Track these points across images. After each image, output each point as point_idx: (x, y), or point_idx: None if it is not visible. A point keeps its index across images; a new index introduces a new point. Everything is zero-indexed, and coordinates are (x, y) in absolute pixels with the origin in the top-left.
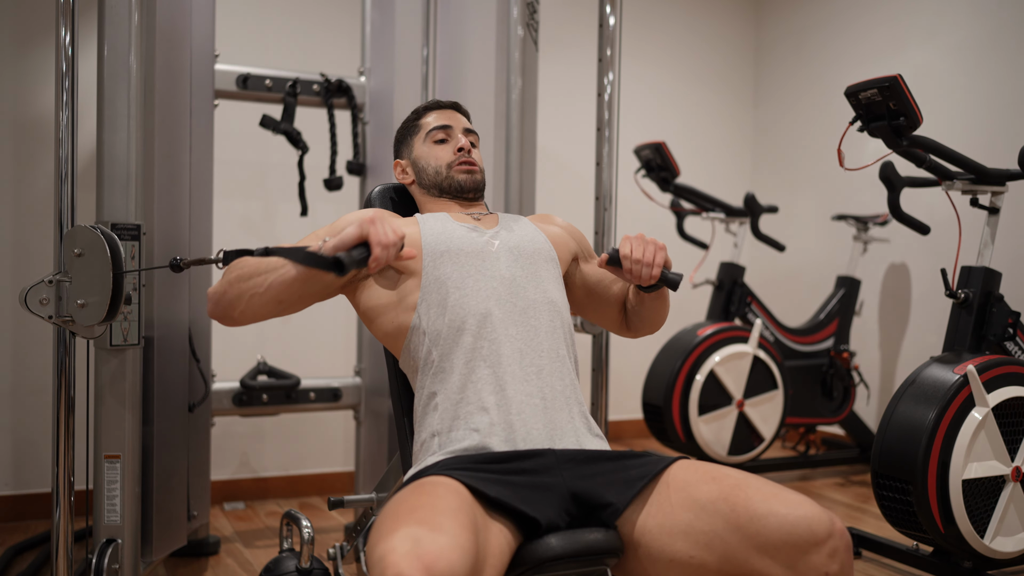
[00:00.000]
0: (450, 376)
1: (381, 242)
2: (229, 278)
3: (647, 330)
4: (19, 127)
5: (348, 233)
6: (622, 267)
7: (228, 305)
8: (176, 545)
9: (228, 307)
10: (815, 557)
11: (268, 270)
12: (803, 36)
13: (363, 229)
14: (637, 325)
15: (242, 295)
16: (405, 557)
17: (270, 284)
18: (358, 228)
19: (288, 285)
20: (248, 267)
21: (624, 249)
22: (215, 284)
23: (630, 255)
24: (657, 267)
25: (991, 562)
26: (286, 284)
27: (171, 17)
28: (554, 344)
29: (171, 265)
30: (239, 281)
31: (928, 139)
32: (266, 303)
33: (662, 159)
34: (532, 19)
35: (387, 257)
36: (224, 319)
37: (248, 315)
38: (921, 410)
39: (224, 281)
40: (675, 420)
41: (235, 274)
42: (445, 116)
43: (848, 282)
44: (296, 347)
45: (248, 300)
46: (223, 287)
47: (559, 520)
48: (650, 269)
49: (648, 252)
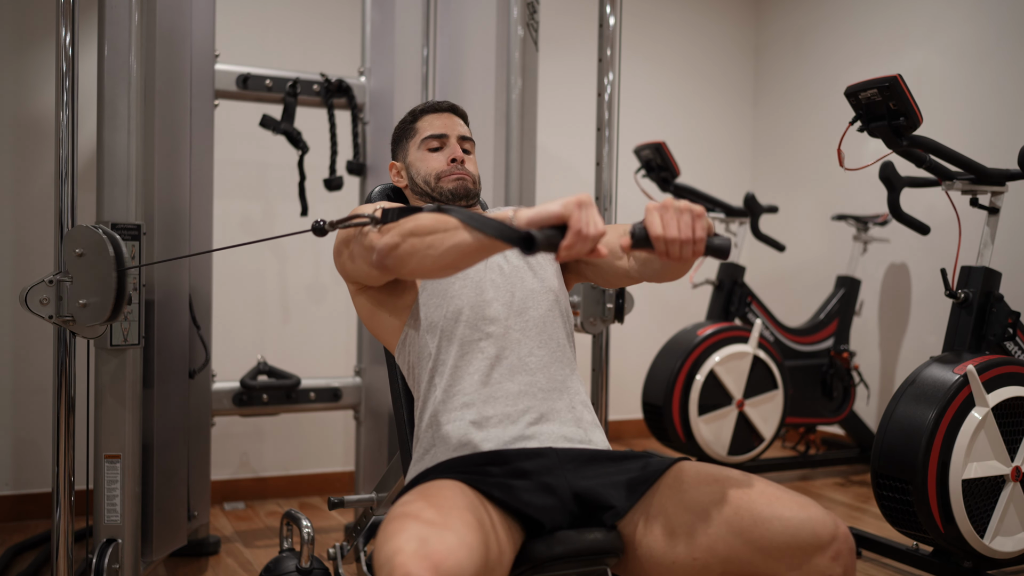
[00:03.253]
0: (447, 367)
1: (581, 232)
2: (401, 231)
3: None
4: (19, 127)
5: (548, 209)
6: (653, 248)
7: (399, 260)
8: (176, 545)
9: (400, 262)
10: (819, 560)
11: (445, 229)
12: (803, 36)
13: (566, 210)
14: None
15: (415, 252)
16: (413, 556)
17: (448, 247)
18: (561, 208)
19: (466, 252)
20: (423, 223)
21: (654, 227)
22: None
23: (664, 234)
24: (700, 242)
25: (991, 562)
26: (463, 251)
27: (171, 17)
28: (554, 333)
29: (313, 229)
30: (412, 236)
31: (928, 139)
32: (441, 265)
33: (662, 159)
34: (532, 19)
35: (581, 250)
36: (391, 271)
37: (420, 272)
38: (921, 410)
39: (396, 233)
40: (675, 420)
41: (408, 227)
42: (441, 121)
43: (848, 282)
44: (296, 347)
45: (421, 258)
46: (396, 239)
47: (562, 520)
48: (691, 246)
49: (686, 226)
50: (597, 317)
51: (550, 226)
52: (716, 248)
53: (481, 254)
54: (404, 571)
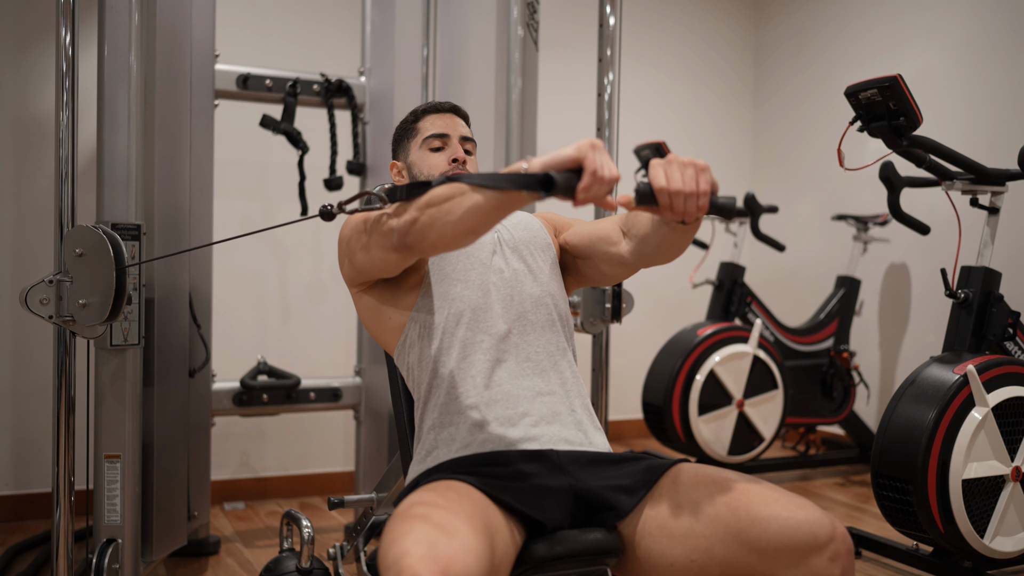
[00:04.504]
0: (448, 369)
1: (597, 173)
2: (418, 204)
3: (664, 259)
4: (19, 127)
5: (562, 153)
6: (658, 204)
7: (420, 234)
8: (176, 545)
9: (420, 235)
10: (817, 561)
11: (461, 194)
12: (803, 36)
13: (580, 152)
14: (651, 257)
15: (434, 222)
16: (421, 560)
17: (465, 210)
18: (576, 151)
19: (486, 212)
20: (438, 192)
21: (658, 180)
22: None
23: (668, 186)
24: (704, 195)
25: (991, 562)
26: (483, 210)
27: (171, 17)
28: (554, 336)
29: (321, 213)
30: (427, 207)
31: (928, 139)
32: (460, 231)
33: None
34: (532, 19)
35: (598, 193)
36: (414, 249)
37: (441, 243)
38: (921, 410)
39: (413, 208)
40: (675, 420)
41: (423, 200)
42: (443, 121)
43: (848, 282)
44: (296, 347)
45: (440, 228)
46: (413, 214)
47: (563, 521)
48: (695, 200)
49: (689, 178)
50: (597, 317)
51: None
52: (721, 205)
53: (500, 211)
54: (412, 573)
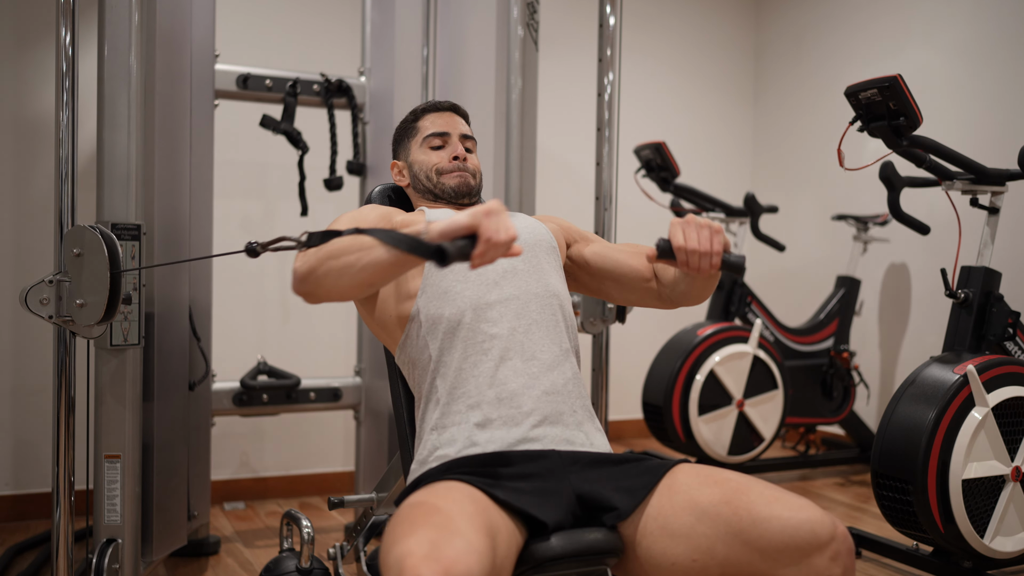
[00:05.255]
0: (450, 368)
1: (491, 239)
2: (319, 255)
3: (691, 303)
4: (19, 127)
5: (458, 221)
6: (675, 259)
7: (316, 283)
8: (176, 545)
9: (316, 284)
10: (817, 560)
11: (360, 248)
12: (803, 36)
13: (475, 220)
14: (680, 300)
15: (330, 273)
16: (424, 560)
17: (363, 265)
18: (470, 218)
19: (382, 269)
20: (339, 245)
21: (676, 239)
22: (300, 260)
23: (684, 245)
24: (716, 255)
25: (991, 562)
26: (379, 267)
27: (171, 17)
28: (557, 336)
29: (247, 250)
30: (328, 259)
31: (928, 139)
32: (357, 284)
33: (662, 159)
34: (532, 19)
35: (492, 257)
36: (309, 296)
37: (336, 293)
38: (921, 410)
39: (314, 257)
40: (675, 420)
41: (325, 251)
42: (443, 120)
43: (848, 282)
44: (296, 347)
45: (336, 279)
46: (313, 263)
47: (564, 522)
48: (709, 259)
49: (704, 239)
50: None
51: (462, 236)
52: (731, 263)
53: (397, 268)
54: (415, 574)
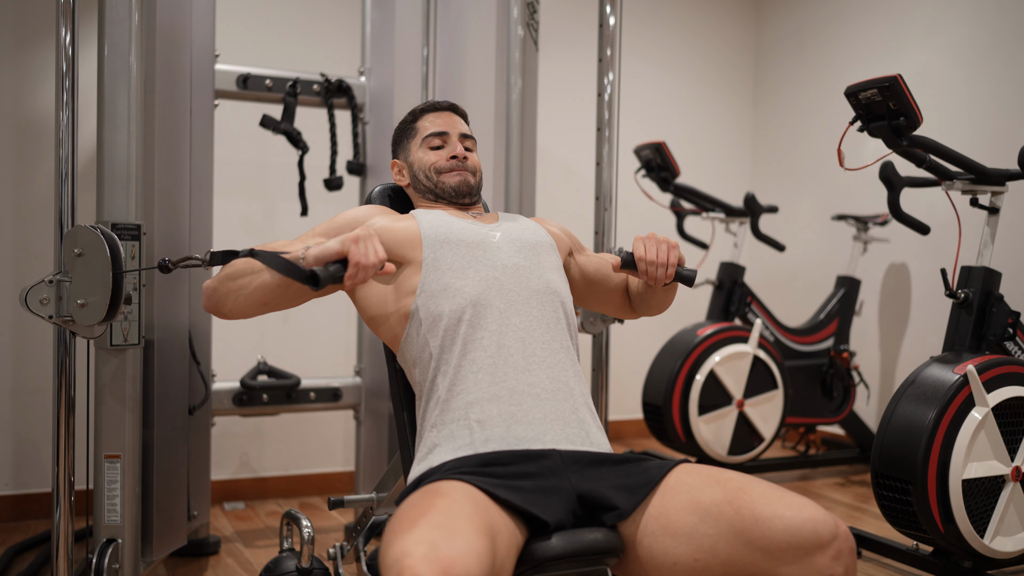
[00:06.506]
0: (450, 365)
1: (360, 263)
2: (220, 276)
3: (652, 313)
4: (19, 127)
5: (329, 247)
6: (637, 269)
7: (218, 301)
8: (176, 545)
9: (218, 303)
10: (820, 559)
11: (252, 272)
12: (803, 36)
13: (344, 246)
14: (643, 309)
15: (229, 294)
16: (422, 560)
17: (255, 287)
18: (340, 244)
19: (271, 290)
20: (236, 268)
21: (638, 251)
22: (211, 279)
23: (644, 256)
24: (672, 266)
25: (991, 562)
26: (268, 289)
27: (171, 17)
28: (557, 334)
29: (159, 266)
30: (227, 280)
31: (928, 139)
32: (252, 303)
33: (662, 159)
34: (532, 19)
35: (363, 278)
36: (216, 313)
37: (236, 312)
38: (921, 410)
39: (216, 278)
40: (675, 420)
41: (224, 273)
42: (442, 120)
43: (848, 282)
44: (296, 347)
45: (235, 299)
46: (215, 284)
47: (565, 521)
48: (664, 269)
49: (662, 252)
50: (597, 317)
51: (335, 261)
52: (683, 276)
53: (284, 289)
54: (413, 574)
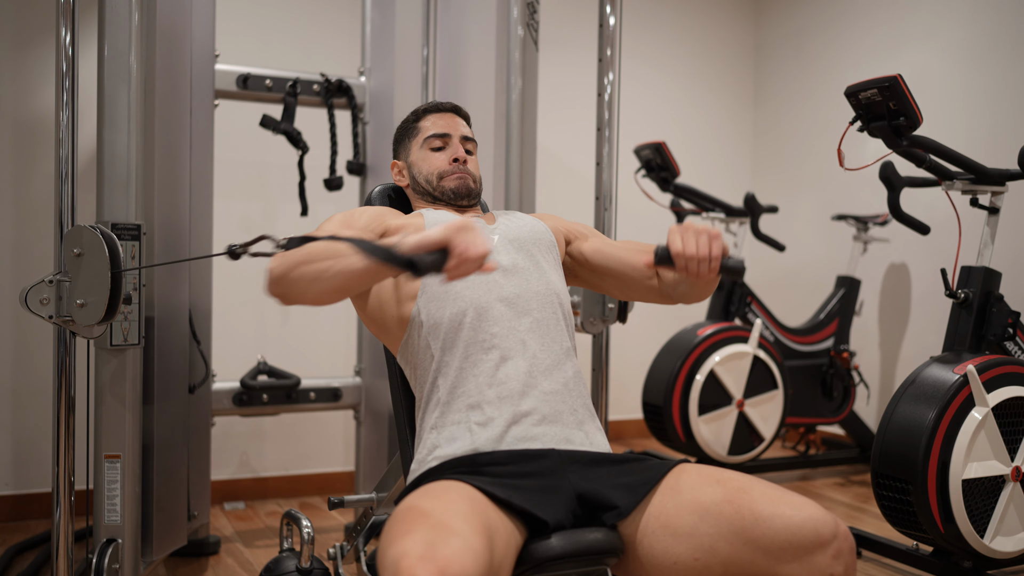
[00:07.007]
0: (451, 368)
1: (463, 255)
2: (293, 258)
3: (691, 302)
4: (19, 127)
5: (430, 236)
6: (674, 265)
7: (289, 285)
8: (176, 545)
9: (289, 287)
10: (820, 559)
11: (335, 256)
12: (803, 36)
13: (447, 236)
14: (680, 298)
15: (304, 277)
16: (420, 560)
17: (337, 271)
18: (444, 232)
19: (356, 276)
20: (313, 251)
21: (675, 246)
22: (276, 261)
23: (683, 251)
24: (716, 260)
25: (991, 562)
26: (353, 275)
27: (171, 17)
28: (557, 335)
29: (228, 252)
30: (304, 263)
31: (928, 139)
32: (330, 290)
33: (662, 159)
34: (532, 19)
35: (467, 271)
36: (283, 298)
37: (309, 298)
38: (921, 410)
39: (288, 260)
40: (675, 420)
41: (296, 256)
42: (444, 121)
43: (848, 282)
44: (296, 347)
45: (309, 284)
46: (287, 267)
47: (564, 521)
48: (708, 263)
49: (703, 245)
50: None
51: (435, 250)
52: (730, 267)
53: (368, 277)
54: (410, 574)
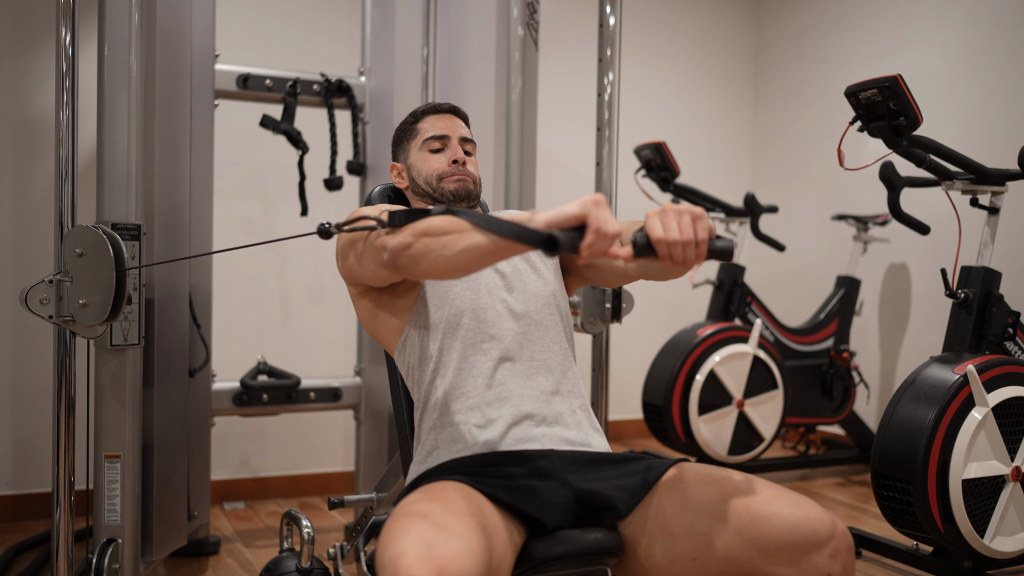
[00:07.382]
0: (449, 369)
1: (601, 229)
2: (414, 231)
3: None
4: (19, 127)
5: (565, 210)
6: (656, 254)
7: (411, 260)
8: (176, 545)
9: (411, 262)
10: (817, 557)
11: (459, 230)
12: (803, 36)
13: (585, 209)
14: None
15: (429, 251)
16: (418, 560)
17: (463, 247)
18: (580, 207)
19: (482, 254)
20: (437, 224)
21: (654, 231)
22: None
23: (665, 236)
24: (702, 243)
25: (991, 562)
26: (479, 252)
27: (171, 17)
28: (555, 336)
29: (319, 231)
30: (427, 236)
31: (928, 139)
32: (454, 265)
33: (662, 159)
34: (532, 19)
35: (601, 249)
36: (402, 271)
37: (433, 271)
38: (921, 410)
39: (409, 233)
40: (675, 420)
41: (420, 228)
42: (443, 122)
43: (848, 282)
44: (296, 347)
45: (435, 257)
46: (409, 239)
47: (564, 522)
48: (694, 248)
49: (686, 227)
50: (597, 317)
51: (569, 227)
52: (719, 250)
53: (496, 256)
54: (408, 574)
